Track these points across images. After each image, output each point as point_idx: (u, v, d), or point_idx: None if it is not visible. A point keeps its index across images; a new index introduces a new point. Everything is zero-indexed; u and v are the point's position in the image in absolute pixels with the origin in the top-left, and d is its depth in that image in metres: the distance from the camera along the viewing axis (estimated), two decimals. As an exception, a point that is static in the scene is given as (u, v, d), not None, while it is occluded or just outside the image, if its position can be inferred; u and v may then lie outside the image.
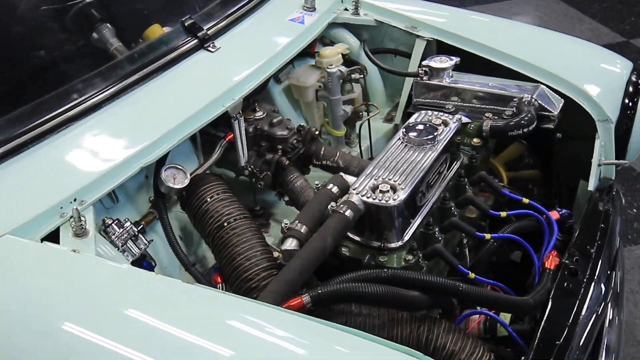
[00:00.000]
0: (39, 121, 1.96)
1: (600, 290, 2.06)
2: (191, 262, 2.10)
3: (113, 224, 1.99)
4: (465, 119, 2.46)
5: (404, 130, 2.25)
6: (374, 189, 2.05)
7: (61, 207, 1.82)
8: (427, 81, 2.63)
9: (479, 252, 2.26)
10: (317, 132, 2.48)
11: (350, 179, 2.16)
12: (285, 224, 2.01)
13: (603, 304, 2.06)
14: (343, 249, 2.08)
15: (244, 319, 1.58)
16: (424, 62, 2.64)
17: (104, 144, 2.00)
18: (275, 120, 2.41)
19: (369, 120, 2.70)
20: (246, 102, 2.42)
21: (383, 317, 1.92)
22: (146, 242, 2.03)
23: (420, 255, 2.07)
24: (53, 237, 1.80)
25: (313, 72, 2.64)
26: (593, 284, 2.03)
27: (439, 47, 2.85)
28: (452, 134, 2.28)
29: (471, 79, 2.65)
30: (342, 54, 2.67)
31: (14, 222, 1.76)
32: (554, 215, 2.37)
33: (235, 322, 1.58)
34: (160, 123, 2.07)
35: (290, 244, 1.96)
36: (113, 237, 1.98)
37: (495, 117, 2.49)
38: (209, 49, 2.36)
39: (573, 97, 2.54)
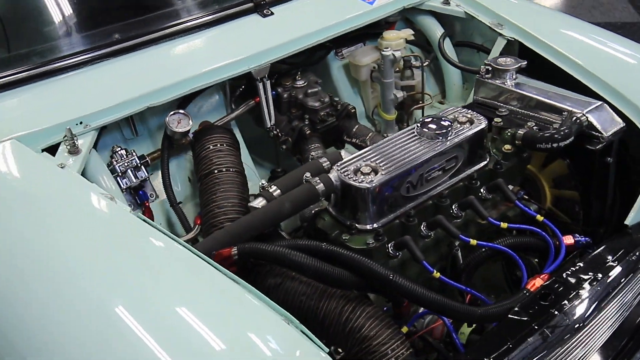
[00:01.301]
0: (76, 51, 2.23)
1: (567, 324, 1.91)
2: (178, 200, 2.26)
3: (120, 151, 2.22)
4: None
5: (421, 122, 2.23)
6: (357, 169, 2.07)
7: (67, 126, 2.08)
8: (488, 80, 2.55)
9: (467, 257, 2.19)
10: (353, 110, 2.52)
11: (348, 156, 2.20)
12: (262, 184, 2.11)
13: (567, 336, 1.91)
14: (319, 221, 2.14)
15: (151, 243, 1.71)
16: (487, 60, 2.56)
17: (124, 82, 2.22)
18: (310, 91, 2.49)
19: (423, 108, 2.67)
20: (290, 68, 2.53)
21: (317, 288, 1.94)
22: (146, 174, 2.23)
23: (391, 244, 2.06)
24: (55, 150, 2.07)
25: (370, 53, 2.66)
26: (559, 315, 1.90)
27: (521, 47, 2.74)
28: (469, 133, 2.21)
29: (535, 84, 2.52)
30: (407, 40, 2.67)
31: (23, 130, 2.03)
32: (568, 240, 2.22)
33: (140, 242, 1.72)
34: (180, 71, 2.24)
35: (258, 202, 2.05)
36: (116, 163, 2.21)
37: (537, 127, 2.37)
38: (263, 13, 2.49)
39: (635, 121, 2.33)
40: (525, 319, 1.88)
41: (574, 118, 2.30)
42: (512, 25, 2.72)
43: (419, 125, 2.20)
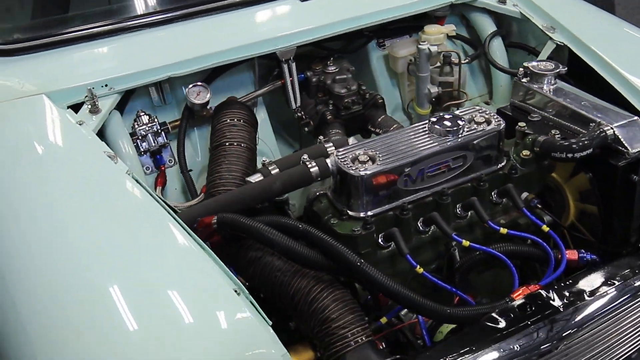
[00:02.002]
0: (112, 21, 2.37)
1: (536, 341, 1.85)
2: (193, 168, 2.37)
3: (143, 116, 2.35)
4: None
5: (433, 117, 2.21)
6: (355, 157, 2.09)
7: (93, 87, 2.22)
8: (524, 83, 2.48)
9: (462, 258, 2.15)
10: (380, 101, 2.53)
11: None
12: (264, 161, 2.17)
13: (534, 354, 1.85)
14: (316, 204, 2.17)
15: (131, 201, 1.84)
16: (526, 63, 2.48)
17: (151, 51, 2.34)
18: (338, 78, 2.52)
19: (457, 106, 2.63)
20: (328, 54, 2.56)
21: (294, 265, 1.97)
22: (165, 140, 2.35)
23: (382, 235, 2.07)
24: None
25: (410, 46, 2.64)
26: (531, 329, 1.83)
27: (571, 53, 2.63)
28: (480, 134, 2.16)
29: (573, 92, 2.42)
30: (455, 36, 2.64)
31: (53, 87, 2.20)
32: (571, 254, 2.14)
33: (122, 198, 1.86)
34: (206, 46, 2.33)
35: (254, 178, 2.12)
36: (137, 126, 2.34)
37: (560, 136, 2.28)
38: (302, -3, 2.54)
39: None
40: (498, 326, 1.85)
41: (599, 130, 2.21)
42: (563, 29, 2.62)
43: (430, 120, 2.19)
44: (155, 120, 2.36)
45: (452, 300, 2.08)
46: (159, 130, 2.35)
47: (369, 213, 2.07)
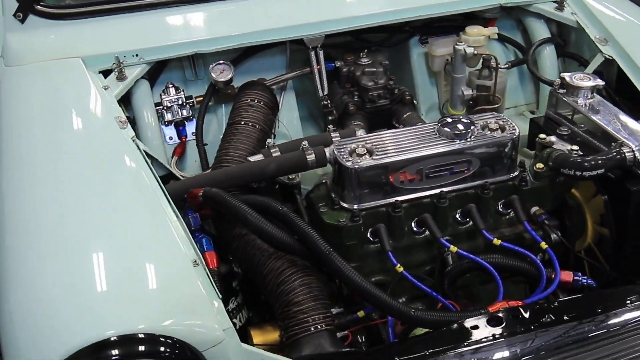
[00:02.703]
0: None
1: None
2: (204, 141, 2.46)
3: (171, 88, 2.45)
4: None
5: (443, 120, 2.17)
6: (354, 149, 2.09)
7: (124, 56, 2.34)
8: (559, 94, 2.38)
9: (453, 264, 2.11)
10: (408, 97, 2.50)
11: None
12: (268, 142, 2.21)
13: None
14: (315, 190, 2.20)
15: (121, 164, 1.95)
16: (562, 74, 2.38)
17: (183, 28, 2.44)
18: (367, 70, 2.51)
19: (492, 111, 2.56)
20: (367, 45, 2.57)
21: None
22: (189, 113, 2.44)
23: (370, 230, 2.06)
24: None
25: (448, 45, 2.58)
26: (489, 345, 1.77)
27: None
28: (489, 141, 2.10)
29: (608, 109, 2.30)
30: (499, 38, 2.57)
31: (89, 52, 2.34)
32: (566, 276, 2.06)
33: (115, 160, 1.96)
34: (235, 27, 2.40)
35: (255, 158, 2.17)
36: (164, 96, 2.45)
37: (577, 152, 2.17)
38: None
39: None
40: (462, 336, 1.81)
41: (618, 151, 2.09)
42: (615, 42, 2.49)
43: (440, 122, 2.15)
44: (182, 93, 2.46)
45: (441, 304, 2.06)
46: (184, 103, 2.44)
47: (360, 206, 2.07)
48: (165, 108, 2.44)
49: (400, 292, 2.14)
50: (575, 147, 2.20)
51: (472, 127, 2.12)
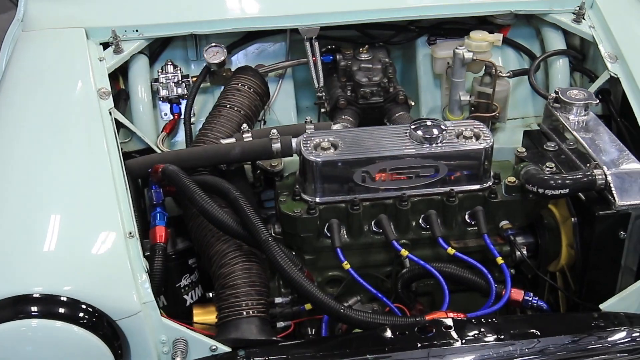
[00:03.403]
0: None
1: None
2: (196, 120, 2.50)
3: (169, 66, 2.52)
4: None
5: (416, 123, 2.13)
6: (319, 142, 2.09)
7: (125, 30, 2.42)
8: (552, 108, 2.29)
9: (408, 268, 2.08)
10: (402, 97, 2.48)
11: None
12: (243, 127, 2.24)
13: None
14: (284, 180, 2.21)
15: (87, 134, 2.03)
16: (557, 88, 2.29)
17: (184, 8, 2.47)
18: (363, 66, 2.49)
19: (489, 119, 2.50)
20: (367, 40, 2.57)
21: None
22: (185, 92, 2.49)
23: (325, 225, 2.06)
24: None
25: (450, 48, 2.51)
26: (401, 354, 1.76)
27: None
28: (457, 149, 2.05)
29: (598, 128, 2.21)
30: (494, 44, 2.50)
31: (93, 24, 2.42)
32: (516, 294, 2.00)
33: (80, 129, 2.06)
34: (233, 11, 2.45)
35: (227, 141, 2.21)
36: (160, 73, 2.51)
37: (551, 169, 2.10)
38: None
39: None
40: (387, 340, 1.80)
41: (589, 173, 2.01)
42: (623, 61, 2.38)
43: (412, 125, 2.12)
44: (179, 71, 2.52)
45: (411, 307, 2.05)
46: (180, 81, 2.50)
47: (319, 200, 2.07)
48: (161, 84, 2.51)
49: (357, 290, 2.14)
50: (550, 164, 2.12)
51: (443, 133, 2.09)
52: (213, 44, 2.46)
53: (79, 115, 2.09)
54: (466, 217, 2.13)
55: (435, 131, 2.08)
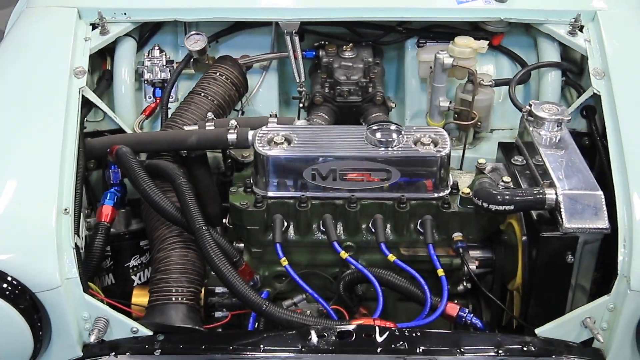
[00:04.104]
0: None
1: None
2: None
3: (156, 50, 2.57)
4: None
5: (371, 125, 2.10)
6: (273, 137, 2.08)
7: (114, 12, 2.47)
8: (526, 121, 2.22)
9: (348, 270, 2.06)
10: (379, 98, 2.46)
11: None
12: (208, 116, 2.26)
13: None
14: (243, 171, 2.23)
15: (50, 109, 2.10)
16: (532, 101, 2.21)
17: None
18: (344, 64, 2.47)
19: (468, 128, 2.45)
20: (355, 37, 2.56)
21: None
22: (169, 76, 2.53)
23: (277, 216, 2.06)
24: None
25: (434, 52, 2.46)
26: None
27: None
28: (408, 155, 2.01)
29: (567, 145, 2.13)
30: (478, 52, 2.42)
31: (84, 4, 2.48)
32: (451, 309, 1.96)
33: (44, 103, 2.14)
34: (222, 1, 2.46)
35: (191, 128, 2.24)
36: (146, 57, 2.57)
37: (505, 185, 2.03)
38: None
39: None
40: (308, 341, 1.79)
41: (538, 191, 1.94)
42: (608, 78, 2.27)
43: (369, 127, 2.09)
44: (164, 56, 2.56)
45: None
46: (164, 66, 2.55)
47: (269, 194, 2.08)
48: (145, 67, 2.55)
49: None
50: (507, 179, 2.06)
51: (399, 137, 2.05)
52: (194, 32, 2.49)
53: (45, 91, 2.17)
54: (418, 225, 2.10)
55: (391, 135, 2.05)
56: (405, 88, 2.68)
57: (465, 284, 2.13)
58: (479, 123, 2.50)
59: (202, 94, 2.37)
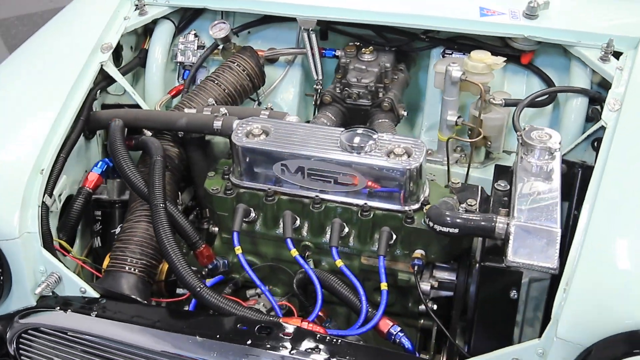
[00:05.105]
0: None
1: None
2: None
3: (191, 34, 2.70)
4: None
5: (348, 129, 2.09)
6: (251, 129, 2.13)
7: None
8: (521, 144, 2.10)
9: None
10: (387, 104, 2.42)
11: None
12: (210, 103, 2.35)
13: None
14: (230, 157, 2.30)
15: (61, 82, 2.29)
16: (528, 126, 2.09)
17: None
18: (357, 66, 2.45)
19: (482, 146, 2.36)
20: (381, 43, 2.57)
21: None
22: (199, 59, 2.66)
23: (240, 206, 2.11)
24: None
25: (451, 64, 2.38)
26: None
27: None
28: (376, 163, 1.99)
29: (551, 176, 1.99)
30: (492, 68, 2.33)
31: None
32: (383, 325, 1.94)
33: (56, 74, 2.35)
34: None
35: (191, 111, 2.34)
36: (180, 40, 2.70)
37: (470, 207, 1.96)
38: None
39: None
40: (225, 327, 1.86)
41: (493, 219, 1.84)
42: (620, 110, 2.10)
43: (344, 131, 2.08)
44: (197, 41, 2.68)
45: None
46: (195, 50, 2.67)
47: (243, 184, 2.13)
48: (179, 50, 2.69)
49: (276, 279, 2.22)
50: (472, 201, 1.98)
51: (371, 144, 2.03)
52: (219, 21, 2.59)
53: (67, 60, 2.38)
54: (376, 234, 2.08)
55: (363, 140, 2.04)
56: (425, 97, 2.63)
57: (431, 304, 2.09)
58: (489, 143, 2.41)
59: (216, 82, 2.47)
